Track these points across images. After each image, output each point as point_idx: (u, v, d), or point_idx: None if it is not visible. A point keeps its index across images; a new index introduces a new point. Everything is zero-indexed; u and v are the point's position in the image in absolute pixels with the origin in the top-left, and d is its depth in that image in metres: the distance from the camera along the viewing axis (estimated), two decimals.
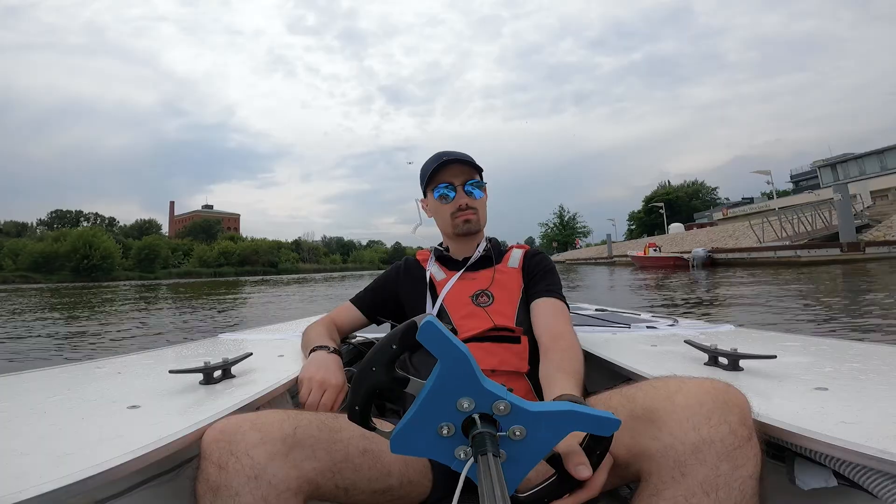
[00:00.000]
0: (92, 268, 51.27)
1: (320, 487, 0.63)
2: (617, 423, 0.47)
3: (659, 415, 0.57)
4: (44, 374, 0.98)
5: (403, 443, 0.48)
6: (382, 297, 1.18)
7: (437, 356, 0.45)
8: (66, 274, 49.66)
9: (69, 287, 31.00)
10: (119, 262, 55.16)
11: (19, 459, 0.53)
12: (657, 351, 1.10)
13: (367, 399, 0.49)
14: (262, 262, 73.67)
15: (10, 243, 54.22)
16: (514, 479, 0.49)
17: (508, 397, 0.46)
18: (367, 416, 0.50)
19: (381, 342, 0.48)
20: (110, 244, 54.68)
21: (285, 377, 0.92)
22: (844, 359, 0.92)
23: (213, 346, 1.33)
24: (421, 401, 0.47)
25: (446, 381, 0.46)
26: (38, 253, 49.84)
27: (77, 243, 50.93)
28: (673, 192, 59.36)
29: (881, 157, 31.64)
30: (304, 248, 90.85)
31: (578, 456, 0.53)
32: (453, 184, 1.09)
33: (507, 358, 0.94)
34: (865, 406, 0.64)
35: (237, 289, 20.97)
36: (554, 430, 0.47)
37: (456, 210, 1.09)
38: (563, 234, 76.33)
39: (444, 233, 1.17)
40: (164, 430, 0.60)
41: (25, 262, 49.72)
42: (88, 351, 5.12)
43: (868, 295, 6.41)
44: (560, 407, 0.47)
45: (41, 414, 0.69)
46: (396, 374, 0.48)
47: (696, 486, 0.53)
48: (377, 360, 0.48)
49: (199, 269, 63.48)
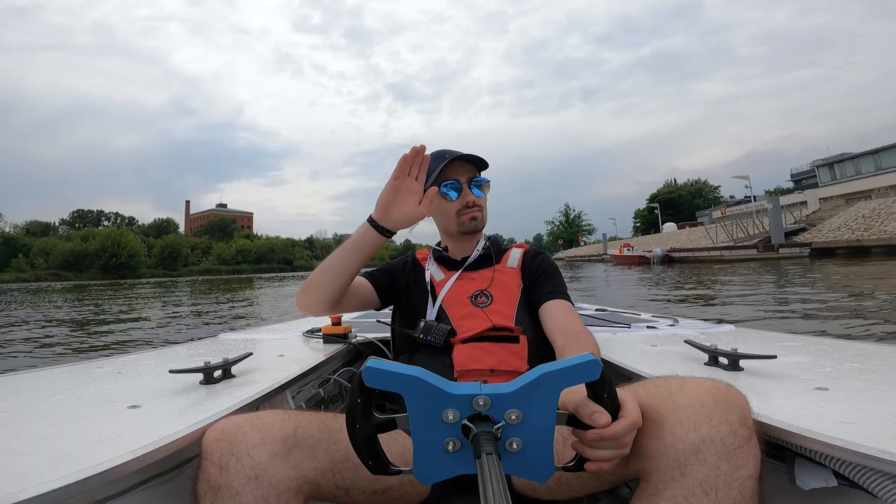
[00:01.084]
0: (119, 266, 54.23)
1: (320, 487, 0.63)
2: (596, 362, 0.46)
3: (659, 414, 0.56)
4: (44, 374, 0.98)
5: (426, 473, 0.49)
6: (390, 282, 1.15)
7: (395, 391, 0.45)
8: (95, 272, 52.35)
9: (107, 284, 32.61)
10: (143, 261, 57.83)
11: (19, 459, 0.53)
12: (657, 351, 1.10)
13: (371, 451, 0.50)
14: (278, 260, 75.54)
15: (41, 243, 57.09)
16: (544, 456, 0.49)
17: (483, 390, 0.46)
18: (383, 463, 0.51)
19: (348, 403, 0.49)
20: (136, 243, 58.02)
21: (285, 377, 0.92)
22: (844, 359, 0.92)
23: (213, 345, 1.33)
24: (413, 432, 0.48)
25: (419, 406, 0.46)
26: (68, 252, 52.51)
27: (105, 242, 54.09)
28: (676, 191, 60.50)
29: (876, 158, 32.28)
30: (317, 245, 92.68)
31: (587, 406, 0.51)
32: (459, 181, 1.07)
33: (506, 357, 0.94)
34: (865, 406, 0.64)
35: (262, 284, 22.30)
36: (544, 397, 0.47)
37: (462, 208, 1.07)
38: (569, 231, 78.01)
39: (446, 231, 1.14)
40: (165, 430, 0.60)
41: (57, 260, 52.40)
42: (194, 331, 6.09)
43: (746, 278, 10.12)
44: (534, 374, 0.47)
45: (41, 414, 0.69)
46: (379, 419, 0.49)
47: (696, 485, 0.53)
48: (356, 418, 0.49)
49: (219, 267, 65.76)
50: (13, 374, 0.96)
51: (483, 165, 1.10)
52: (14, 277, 49.25)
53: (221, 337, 1.55)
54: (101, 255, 54.42)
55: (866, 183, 29.68)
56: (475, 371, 0.92)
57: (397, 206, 0.91)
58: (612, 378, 0.51)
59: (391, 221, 0.92)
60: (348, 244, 0.96)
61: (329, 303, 1.00)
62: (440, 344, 0.97)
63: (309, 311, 1.03)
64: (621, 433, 0.51)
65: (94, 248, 54.48)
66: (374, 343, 1.39)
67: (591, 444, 0.52)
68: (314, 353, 1.20)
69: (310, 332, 1.49)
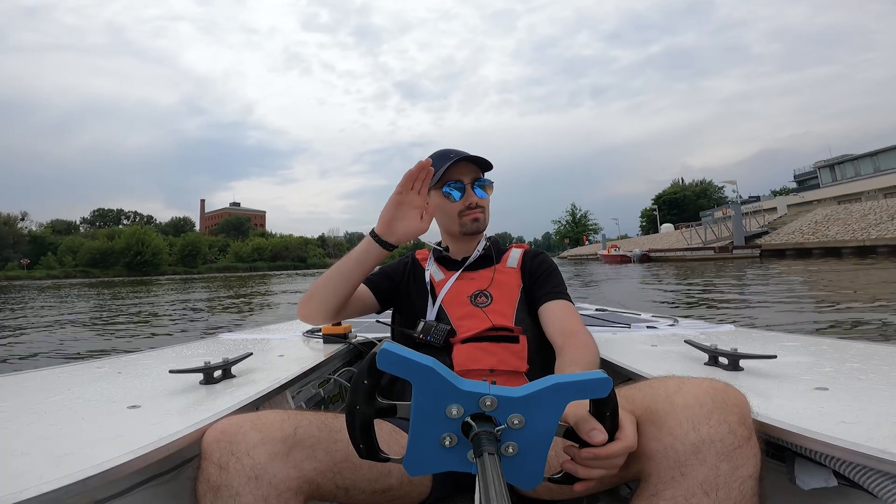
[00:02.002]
0: (143, 263, 56.81)
1: (320, 487, 0.63)
2: (607, 381, 0.46)
3: (659, 415, 0.56)
4: (44, 373, 0.98)
5: (416, 464, 0.49)
6: (389, 285, 1.15)
7: (405, 378, 0.45)
8: (120, 269, 55.10)
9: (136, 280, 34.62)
10: (164, 258, 60.47)
11: (19, 459, 0.53)
12: (657, 351, 1.10)
13: (366, 435, 0.50)
14: (292, 258, 77.88)
15: (68, 241, 60.28)
16: (536, 464, 0.49)
17: (491, 391, 0.46)
18: (374, 449, 0.51)
19: (353, 381, 0.49)
20: (159, 241, 60.90)
21: (285, 377, 0.92)
22: (844, 359, 0.92)
23: (213, 345, 1.33)
24: (413, 422, 0.48)
25: (425, 396, 0.46)
26: (95, 250, 55.20)
27: (130, 241, 56.78)
28: (681, 192, 61.82)
29: (874, 160, 32.94)
30: (330, 243, 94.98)
31: (588, 422, 0.52)
32: (462, 182, 1.07)
33: (506, 357, 0.94)
34: (865, 406, 0.64)
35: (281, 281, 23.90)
36: (550, 407, 0.47)
37: (465, 209, 1.08)
38: (575, 230, 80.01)
39: (448, 232, 1.14)
40: (165, 430, 0.60)
41: (84, 258, 55.06)
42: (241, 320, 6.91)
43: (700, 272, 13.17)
44: (545, 383, 0.46)
45: (41, 414, 0.69)
46: (381, 404, 0.49)
47: (696, 486, 0.53)
48: (357, 398, 0.49)
49: (236, 264, 67.88)
50: (13, 374, 0.96)
51: (487, 167, 1.10)
52: (45, 274, 51.50)
53: (221, 337, 1.55)
54: (127, 253, 56.94)
55: (864, 184, 30.40)
56: (475, 371, 0.92)
57: (400, 221, 0.94)
58: (617, 399, 0.51)
59: (394, 236, 0.94)
60: (350, 257, 0.97)
61: (331, 314, 1.02)
62: (440, 344, 0.97)
63: (310, 321, 1.05)
64: (615, 455, 0.52)
65: (119, 247, 57.04)
66: (373, 343, 1.39)
67: (584, 462, 0.53)
68: (314, 353, 1.20)
69: (310, 333, 1.49)
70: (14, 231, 58.91)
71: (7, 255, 54.63)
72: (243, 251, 73.63)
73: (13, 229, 58.96)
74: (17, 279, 46.19)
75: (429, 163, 0.89)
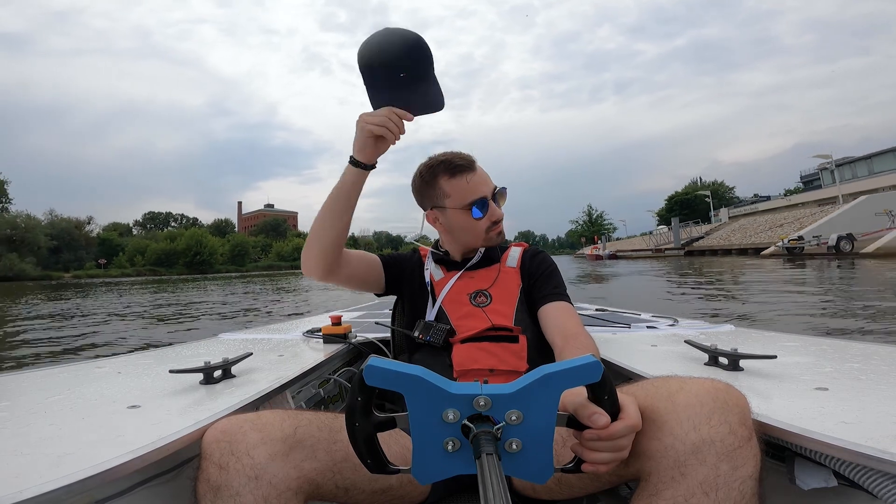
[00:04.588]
0: (201, 263, 62.18)
1: (320, 487, 0.63)
2: (597, 364, 0.46)
3: (659, 414, 0.56)
4: (44, 373, 0.98)
5: (425, 473, 0.49)
6: (398, 269, 1.14)
7: (396, 390, 0.45)
8: (180, 268, 60.23)
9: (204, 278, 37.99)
10: (217, 258, 65.88)
11: (19, 459, 0.53)
12: (657, 351, 1.10)
13: (370, 450, 0.50)
14: None
15: (133, 242, 68.87)
16: (544, 457, 0.49)
17: (483, 390, 0.46)
18: (382, 462, 0.51)
19: (348, 402, 0.50)
20: (214, 242, 66.69)
21: (285, 377, 0.92)
22: (844, 359, 0.92)
23: (213, 345, 1.33)
24: (413, 432, 0.48)
25: (419, 405, 0.46)
26: (160, 251, 62.47)
27: (190, 242, 63.76)
28: (692, 192, 64.96)
29: (868, 163, 34.60)
30: (361, 243, 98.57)
31: (587, 408, 0.51)
32: (486, 197, 1.02)
33: (506, 357, 0.94)
34: (865, 406, 0.64)
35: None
36: (545, 398, 0.47)
37: (491, 224, 1.04)
38: (591, 230, 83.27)
39: (463, 244, 1.09)
40: (165, 430, 0.60)
41: (151, 258, 61.73)
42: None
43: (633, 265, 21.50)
44: (535, 375, 0.46)
45: (41, 414, 0.69)
46: (379, 418, 0.49)
47: (696, 486, 0.53)
48: (355, 416, 0.49)
49: (279, 263, 72.20)
50: (13, 374, 0.96)
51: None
52: (119, 273, 56.71)
53: (221, 337, 1.55)
54: (187, 254, 62.78)
55: (860, 185, 31.66)
56: (475, 371, 0.92)
57: (373, 148, 0.91)
58: (612, 380, 0.51)
59: (372, 158, 0.92)
60: (332, 190, 0.95)
61: (329, 259, 0.97)
62: (439, 344, 0.97)
63: (312, 271, 1.00)
64: (619, 434, 0.51)
65: (181, 247, 63.07)
66: (373, 343, 1.39)
67: (589, 444, 0.52)
68: (314, 353, 1.19)
69: (310, 332, 1.49)
70: (84, 234, 64.29)
71: (81, 255, 60.67)
72: (285, 250, 78.07)
73: (83, 233, 64.33)
74: (97, 277, 50.84)
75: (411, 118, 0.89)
